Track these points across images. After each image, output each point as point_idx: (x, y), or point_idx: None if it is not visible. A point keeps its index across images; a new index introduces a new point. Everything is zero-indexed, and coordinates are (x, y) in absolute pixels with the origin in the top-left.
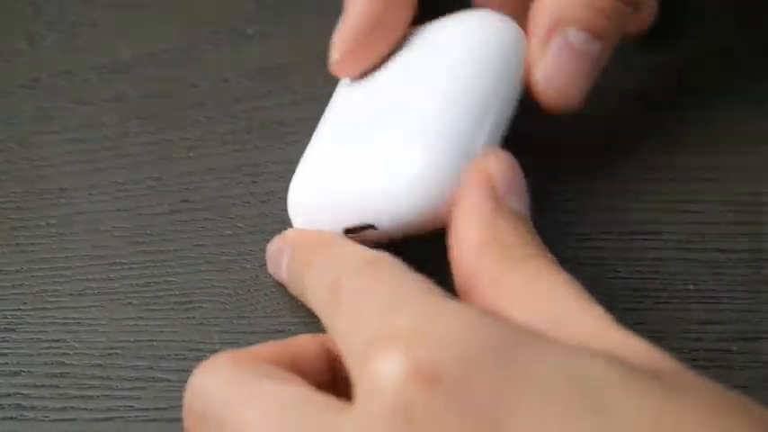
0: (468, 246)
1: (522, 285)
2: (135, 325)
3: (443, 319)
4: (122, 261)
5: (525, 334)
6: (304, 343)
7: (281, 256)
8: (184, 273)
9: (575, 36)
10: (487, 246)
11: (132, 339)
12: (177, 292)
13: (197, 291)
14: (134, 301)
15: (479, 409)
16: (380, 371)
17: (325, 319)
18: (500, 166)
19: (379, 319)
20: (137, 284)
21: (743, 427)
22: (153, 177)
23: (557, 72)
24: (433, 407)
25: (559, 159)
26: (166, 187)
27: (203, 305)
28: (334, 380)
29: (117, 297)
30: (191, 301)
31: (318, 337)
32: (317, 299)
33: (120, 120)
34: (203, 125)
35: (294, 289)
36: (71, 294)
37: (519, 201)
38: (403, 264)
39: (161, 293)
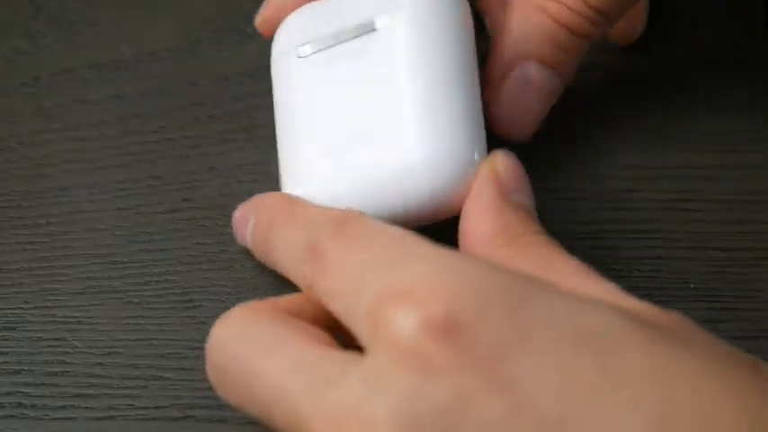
0: (479, 235)
1: (534, 269)
2: (135, 323)
3: (450, 270)
4: (123, 260)
5: (536, 284)
6: None
7: (245, 223)
8: (185, 271)
9: (535, 70)
10: (497, 236)
11: (133, 338)
12: (178, 291)
13: (198, 289)
14: (134, 300)
15: (490, 361)
16: (394, 326)
17: (308, 281)
18: (506, 164)
19: (381, 276)
20: (137, 283)
21: (744, 376)
22: (153, 176)
23: (513, 104)
24: (446, 358)
25: (559, 159)
26: (167, 186)
27: (204, 304)
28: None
29: (117, 296)
30: (191, 300)
31: None
32: (290, 261)
33: (120, 118)
34: (204, 124)
35: (260, 253)
36: (71, 293)
37: (525, 196)
38: (372, 217)
39: (161, 292)
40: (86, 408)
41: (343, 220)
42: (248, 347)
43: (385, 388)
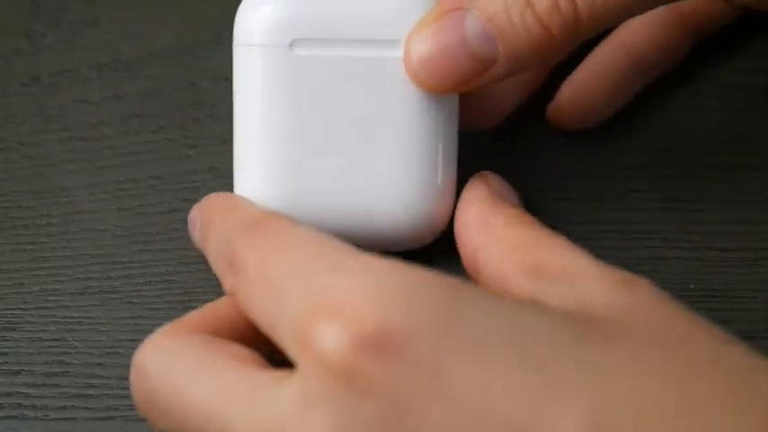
0: (471, 223)
1: (516, 240)
2: (136, 324)
3: (378, 279)
4: (123, 260)
5: (469, 291)
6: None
7: (194, 224)
8: (185, 272)
9: (471, 25)
10: (488, 220)
11: (133, 338)
12: (178, 291)
13: (198, 290)
14: (134, 300)
15: (426, 373)
16: (323, 345)
17: (229, 289)
18: (494, 175)
19: (303, 288)
20: (137, 283)
21: (662, 376)
22: (153, 176)
23: (432, 47)
24: (380, 374)
25: (559, 160)
26: (167, 186)
27: (204, 304)
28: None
29: (117, 296)
30: (191, 300)
31: None
32: (216, 267)
33: (120, 118)
34: (204, 124)
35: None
36: (72, 293)
37: (512, 197)
38: (292, 219)
39: (161, 292)
40: (86, 408)
41: (257, 223)
42: (169, 378)
43: (320, 407)
